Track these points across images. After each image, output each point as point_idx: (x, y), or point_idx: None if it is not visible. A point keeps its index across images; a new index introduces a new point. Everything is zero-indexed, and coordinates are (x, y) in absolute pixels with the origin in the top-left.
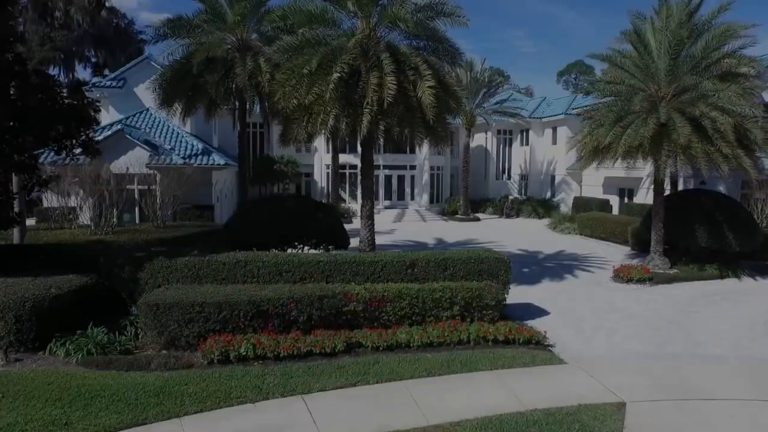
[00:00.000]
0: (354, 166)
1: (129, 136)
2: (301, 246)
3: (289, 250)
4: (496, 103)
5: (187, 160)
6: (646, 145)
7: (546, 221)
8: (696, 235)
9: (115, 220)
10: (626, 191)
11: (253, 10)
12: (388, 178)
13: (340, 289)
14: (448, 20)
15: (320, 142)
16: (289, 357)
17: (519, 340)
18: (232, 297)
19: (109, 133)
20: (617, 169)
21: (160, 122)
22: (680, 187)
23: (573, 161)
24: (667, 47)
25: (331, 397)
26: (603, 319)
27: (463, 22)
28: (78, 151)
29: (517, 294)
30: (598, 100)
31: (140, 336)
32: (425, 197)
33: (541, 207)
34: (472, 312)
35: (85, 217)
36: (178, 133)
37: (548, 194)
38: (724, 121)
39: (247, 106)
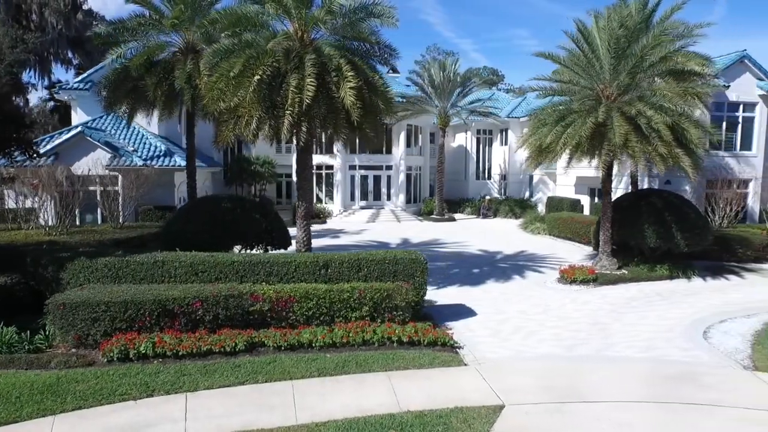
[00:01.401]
0: (330, 167)
1: (89, 138)
2: (241, 247)
3: (236, 250)
4: (471, 103)
5: (147, 162)
6: (585, 144)
7: (520, 221)
8: (645, 235)
9: (77, 221)
10: (596, 191)
11: (195, 13)
12: (363, 179)
13: (246, 289)
14: (378, 21)
15: None
16: (189, 355)
17: (424, 341)
18: (138, 296)
19: (70, 135)
20: (588, 169)
21: (125, 124)
22: (645, 186)
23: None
24: (607, 46)
25: (214, 395)
26: (529, 320)
27: (393, 22)
28: (16, 154)
29: (455, 295)
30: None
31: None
32: (401, 197)
33: (518, 207)
34: (382, 313)
35: (43, 218)
36: (143, 135)
37: (527, 194)
38: (659, 120)
39: (188, 108)
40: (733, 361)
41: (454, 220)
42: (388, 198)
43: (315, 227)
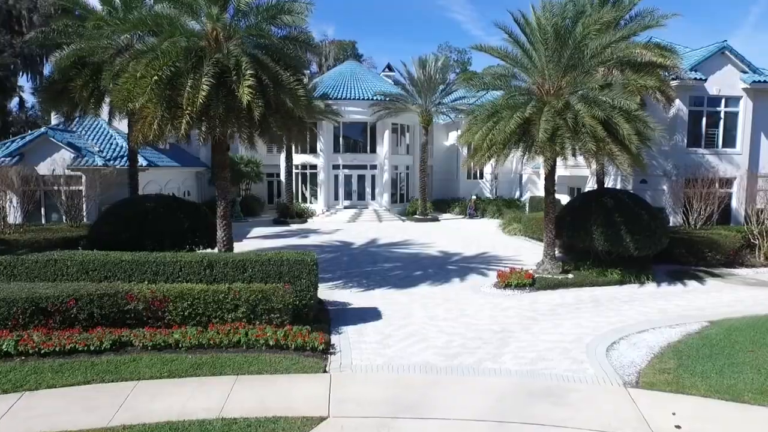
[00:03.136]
0: (314, 166)
1: (53, 139)
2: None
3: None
4: (455, 101)
5: (108, 162)
6: (512, 141)
7: (501, 222)
8: (593, 237)
9: (42, 219)
10: (574, 190)
11: (127, 13)
12: (347, 178)
13: (122, 288)
14: (290, 18)
15: None
16: (53, 353)
17: (292, 346)
18: (11, 295)
19: (34, 136)
20: (567, 168)
21: (97, 125)
22: (619, 186)
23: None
24: (540, 38)
25: (52, 395)
26: (432, 327)
27: (302, 19)
28: None
29: (377, 298)
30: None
31: None
32: (386, 197)
33: (506, 207)
34: (259, 315)
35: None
36: (111, 136)
37: (517, 193)
38: (585, 113)
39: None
40: (618, 376)
41: (437, 220)
42: (373, 198)
43: (293, 226)
